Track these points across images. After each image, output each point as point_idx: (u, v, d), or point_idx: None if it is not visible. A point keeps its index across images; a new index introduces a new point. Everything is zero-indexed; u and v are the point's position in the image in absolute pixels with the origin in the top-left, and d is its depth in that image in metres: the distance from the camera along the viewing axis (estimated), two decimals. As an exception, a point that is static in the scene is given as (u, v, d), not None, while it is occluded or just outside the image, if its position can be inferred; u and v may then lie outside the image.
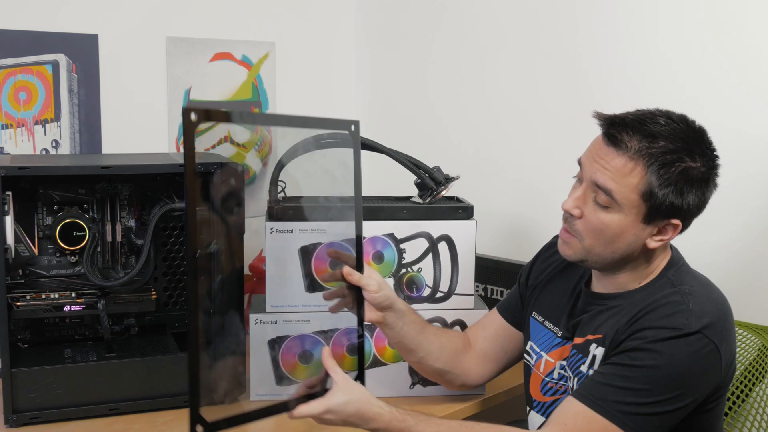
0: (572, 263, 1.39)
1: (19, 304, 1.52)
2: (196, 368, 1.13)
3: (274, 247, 1.59)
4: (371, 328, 1.64)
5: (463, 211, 1.66)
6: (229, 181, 1.55)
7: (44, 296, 1.54)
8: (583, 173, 1.29)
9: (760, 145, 1.75)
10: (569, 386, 1.35)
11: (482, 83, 2.26)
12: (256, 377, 1.61)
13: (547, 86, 2.11)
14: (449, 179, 1.68)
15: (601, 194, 1.25)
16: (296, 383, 1.60)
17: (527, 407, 1.48)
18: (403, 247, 1.64)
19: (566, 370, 1.36)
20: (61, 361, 1.53)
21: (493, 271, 2.02)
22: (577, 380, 1.33)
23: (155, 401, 1.55)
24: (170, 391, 1.55)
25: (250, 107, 2.27)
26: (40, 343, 1.62)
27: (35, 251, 1.55)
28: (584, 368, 1.31)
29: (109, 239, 1.57)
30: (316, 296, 1.59)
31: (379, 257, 1.64)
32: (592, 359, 1.30)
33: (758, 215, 1.76)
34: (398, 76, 2.47)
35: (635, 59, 1.93)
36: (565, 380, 1.37)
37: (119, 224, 1.58)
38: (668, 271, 1.31)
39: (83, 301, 1.57)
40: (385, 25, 2.49)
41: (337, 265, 1.39)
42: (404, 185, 1.77)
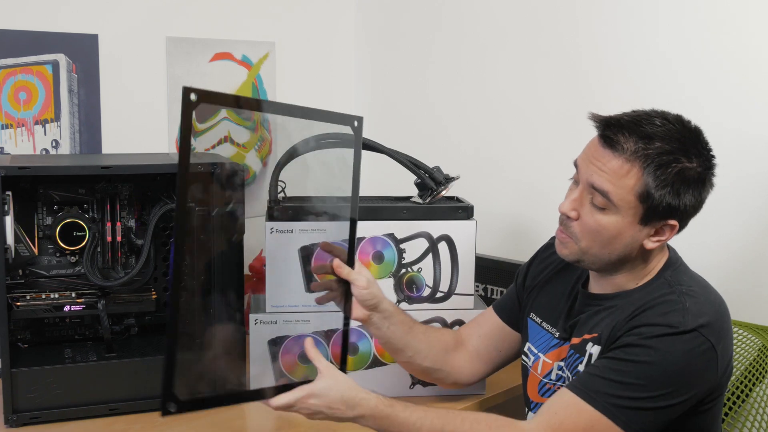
0: (570, 264, 1.39)
1: (19, 304, 1.52)
2: (173, 347, 1.14)
3: (274, 247, 1.59)
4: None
5: (463, 211, 1.66)
6: (229, 181, 1.55)
7: (44, 296, 1.54)
8: (579, 175, 1.29)
9: (760, 145, 1.75)
10: None
11: (482, 83, 2.26)
12: (255, 377, 1.61)
13: (547, 86, 2.11)
14: (449, 179, 1.68)
15: (597, 196, 1.24)
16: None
17: (526, 408, 1.48)
18: (403, 247, 1.64)
19: (564, 370, 1.36)
20: (61, 361, 1.53)
21: (493, 271, 2.03)
22: None
23: (155, 401, 1.54)
24: (170, 391, 1.55)
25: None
26: (40, 343, 1.62)
27: (35, 251, 1.55)
28: (581, 367, 1.31)
29: (109, 239, 1.57)
30: (316, 296, 1.59)
31: (379, 257, 1.64)
32: (588, 358, 1.30)
33: (758, 215, 1.76)
34: (398, 76, 2.47)
35: (635, 59, 1.93)
36: (562, 381, 1.36)
37: (119, 224, 1.58)
38: (665, 271, 1.31)
39: (83, 301, 1.57)
40: (385, 25, 2.49)
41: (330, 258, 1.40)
42: (404, 185, 1.77)
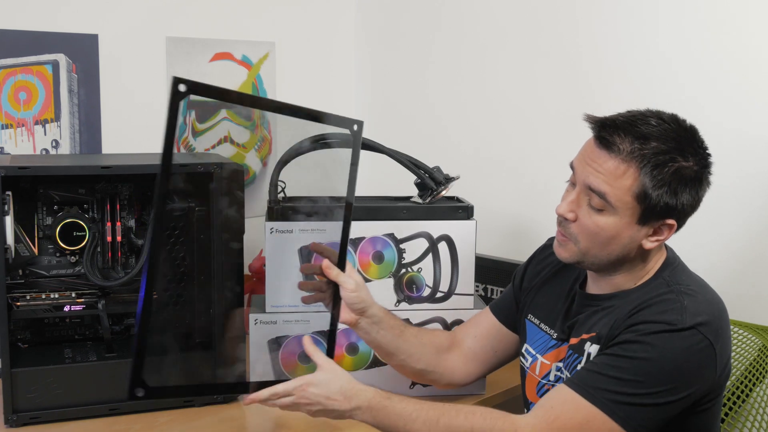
0: (567, 265, 1.39)
1: (19, 304, 1.51)
2: (143, 334, 1.15)
3: (274, 247, 1.59)
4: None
5: (463, 211, 1.66)
6: (228, 181, 1.55)
7: (44, 296, 1.54)
8: (575, 177, 1.29)
9: (760, 144, 1.75)
10: None
11: (482, 83, 2.26)
12: (255, 377, 1.61)
13: (547, 86, 2.11)
14: (449, 179, 1.68)
15: (594, 197, 1.24)
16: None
17: (525, 409, 1.48)
18: (403, 247, 1.64)
19: (562, 371, 1.36)
20: (61, 361, 1.54)
21: (493, 271, 2.03)
22: None
23: (155, 401, 1.55)
24: (170, 391, 1.55)
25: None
26: (40, 343, 1.62)
27: (35, 251, 1.55)
28: (580, 368, 1.31)
29: (109, 239, 1.57)
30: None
31: (379, 257, 1.64)
32: (587, 358, 1.30)
33: (758, 215, 1.76)
34: (398, 76, 2.47)
35: (635, 59, 1.93)
36: (561, 382, 1.36)
37: (119, 224, 1.58)
38: (664, 271, 1.31)
39: (83, 301, 1.57)
40: (385, 25, 2.49)
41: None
42: (404, 185, 1.77)
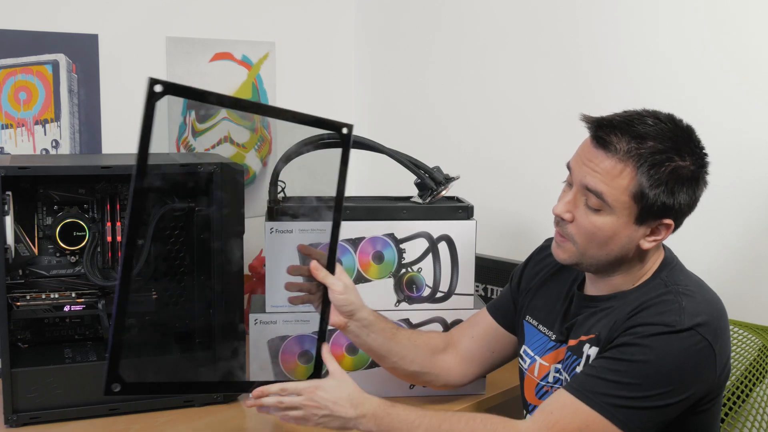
0: (565, 266, 1.39)
1: (19, 304, 1.51)
2: (119, 329, 1.16)
3: (273, 247, 1.59)
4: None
5: (463, 211, 1.66)
6: (228, 181, 1.55)
7: (44, 296, 1.54)
8: (572, 177, 1.29)
9: (760, 145, 1.75)
10: None
11: (482, 83, 2.26)
12: (255, 377, 1.61)
13: (547, 86, 2.11)
14: (449, 179, 1.68)
15: (591, 197, 1.24)
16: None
17: (524, 411, 1.48)
18: (403, 247, 1.64)
19: (561, 373, 1.36)
20: (61, 361, 1.53)
21: (493, 271, 2.03)
22: None
23: (155, 401, 1.55)
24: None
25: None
26: (40, 343, 1.61)
27: (35, 251, 1.55)
28: (579, 369, 1.31)
29: (109, 239, 1.57)
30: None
31: (379, 257, 1.64)
32: (586, 359, 1.30)
33: (758, 215, 1.76)
34: (398, 76, 2.47)
35: (635, 59, 1.93)
36: (560, 383, 1.36)
37: (119, 224, 1.58)
38: (662, 272, 1.31)
39: (83, 301, 1.57)
40: (385, 25, 2.49)
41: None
42: (404, 185, 1.77)
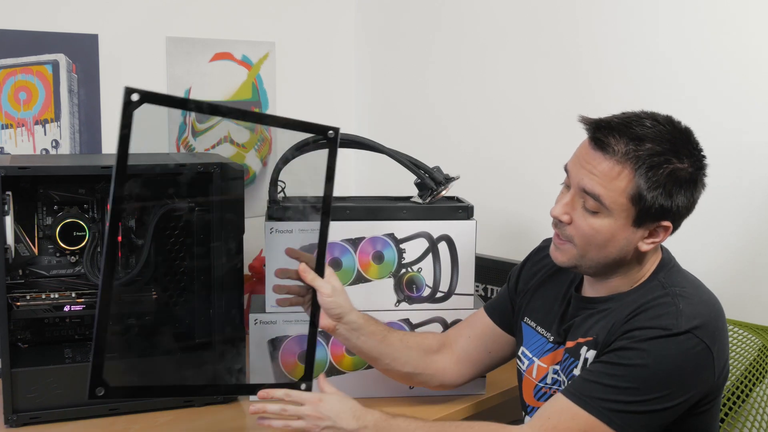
0: (563, 267, 1.39)
1: (19, 304, 1.52)
2: (103, 332, 1.16)
3: (273, 247, 1.59)
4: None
5: (463, 211, 1.66)
6: (228, 181, 1.55)
7: (44, 296, 1.54)
8: (570, 179, 1.29)
9: (759, 145, 1.75)
10: None
11: (482, 83, 2.26)
12: (255, 377, 1.62)
13: (547, 86, 2.11)
14: (449, 179, 1.68)
15: (589, 200, 1.24)
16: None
17: (523, 412, 1.48)
18: (403, 247, 1.64)
19: (559, 374, 1.36)
20: (61, 361, 1.53)
21: (493, 271, 2.03)
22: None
23: (155, 401, 1.55)
24: (170, 391, 1.55)
25: (250, 107, 2.27)
26: (40, 343, 1.61)
27: (35, 251, 1.55)
28: (577, 371, 1.31)
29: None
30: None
31: (379, 257, 1.64)
32: (583, 362, 1.30)
33: (758, 215, 1.76)
34: (398, 76, 2.47)
35: (635, 59, 1.93)
36: (558, 385, 1.36)
37: (119, 224, 1.57)
38: (659, 273, 1.31)
39: (83, 301, 1.57)
40: (385, 25, 2.49)
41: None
42: (404, 185, 1.77)
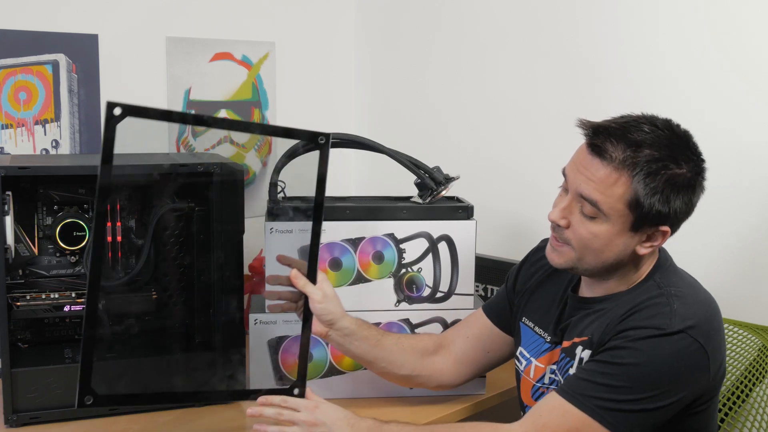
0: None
1: (19, 304, 1.51)
2: (90, 343, 1.17)
3: (273, 247, 1.59)
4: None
5: (463, 211, 1.66)
6: (228, 181, 1.55)
7: (44, 296, 1.54)
8: (567, 184, 1.28)
9: (759, 145, 1.75)
10: None
11: (482, 83, 2.26)
12: (255, 377, 1.62)
13: (547, 86, 2.11)
14: (449, 179, 1.68)
15: (586, 205, 1.24)
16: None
17: (521, 412, 1.48)
18: (403, 247, 1.64)
19: (556, 374, 1.36)
20: (61, 361, 1.53)
21: (493, 271, 2.02)
22: None
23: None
24: (170, 391, 1.54)
25: (250, 107, 2.27)
26: (40, 343, 1.61)
27: (35, 251, 1.55)
28: (572, 371, 1.31)
29: (109, 239, 1.57)
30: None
31: (379, 257, 1.64)
32: (578, 362, 1.30)
33: (758, 215, 1.76)
34: (398, 76, 2.47)
35: (635, 59, 1.93)
36: (555, 385, 1.36)
37: (119, 224, 1.58)
38: (655, 273, 1.31)
39: (83, 301, 1.56)
40: (385, 25, 2.49)
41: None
42: (404, 185, 1.77)
